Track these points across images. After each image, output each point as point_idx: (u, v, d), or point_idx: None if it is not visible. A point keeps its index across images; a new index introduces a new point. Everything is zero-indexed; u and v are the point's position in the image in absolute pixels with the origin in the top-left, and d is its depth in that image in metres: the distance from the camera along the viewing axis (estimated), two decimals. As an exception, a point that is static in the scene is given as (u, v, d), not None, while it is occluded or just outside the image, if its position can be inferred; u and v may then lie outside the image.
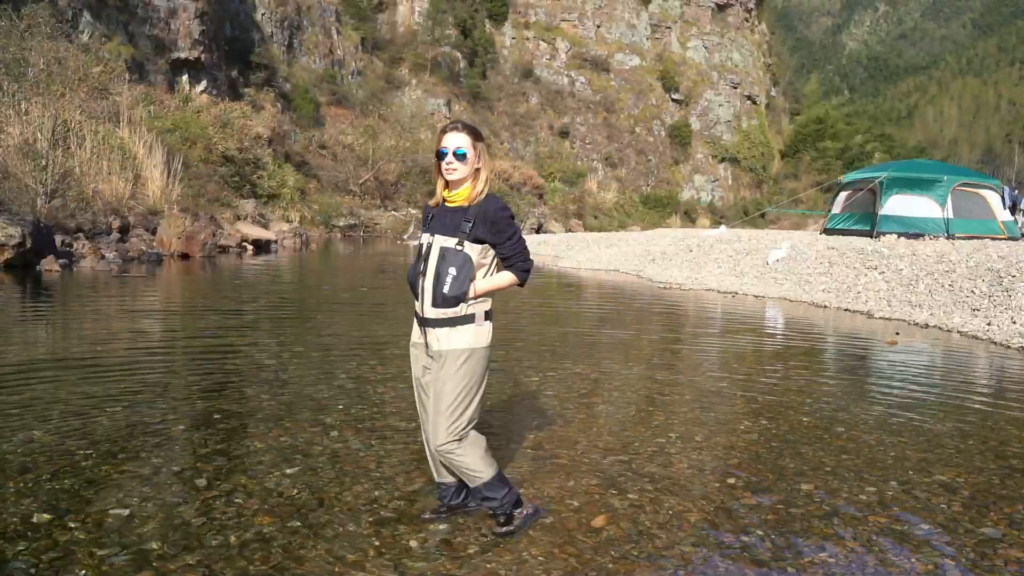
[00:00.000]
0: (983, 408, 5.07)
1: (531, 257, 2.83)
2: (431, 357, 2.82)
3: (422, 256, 2.80)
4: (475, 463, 2.79)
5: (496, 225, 2.73)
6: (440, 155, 2.75)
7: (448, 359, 2.75)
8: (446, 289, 2.72)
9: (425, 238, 2.82)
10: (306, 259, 19.39)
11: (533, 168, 50.08)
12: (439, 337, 2.77)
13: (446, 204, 2.82)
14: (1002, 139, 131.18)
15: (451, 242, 2.74)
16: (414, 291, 2.85)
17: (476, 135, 2.79)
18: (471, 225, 2.73)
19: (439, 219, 2.80)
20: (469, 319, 2.76)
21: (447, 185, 2.81)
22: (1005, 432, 4.48)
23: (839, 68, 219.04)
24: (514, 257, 2.78)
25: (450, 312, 2.74)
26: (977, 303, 9.47)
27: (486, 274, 2.79)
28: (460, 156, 2.73)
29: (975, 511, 3.24)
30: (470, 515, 3.00)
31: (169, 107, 26.71)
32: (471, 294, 2.74)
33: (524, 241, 2.81)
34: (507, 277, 2.81)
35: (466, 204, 2.77)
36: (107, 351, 6.10)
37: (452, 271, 2.72)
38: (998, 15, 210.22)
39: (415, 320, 2.89)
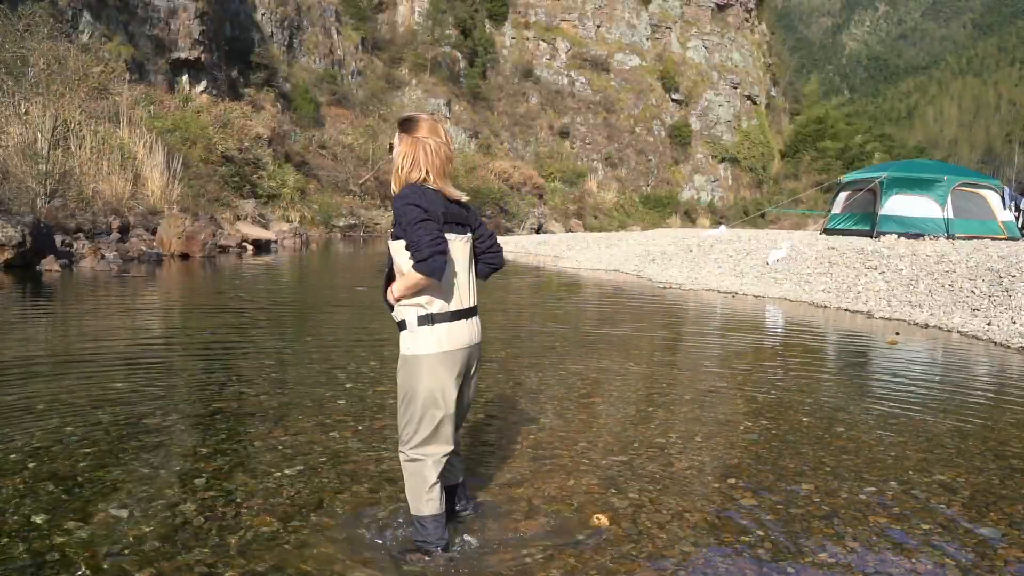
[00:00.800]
0: (983, 408, 5.06)
1: (429, 248, 2.42)
2: None
3: None
4: (414, 494, 2.65)
5: (395, 216, 2.52)
6: None
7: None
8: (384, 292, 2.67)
9: None
10: (306, 259, 19.40)
11: (533, 168, 50.10)
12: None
13: None
14: (1002, 139, 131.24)
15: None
16: None
17: (405, 126, 2.65)
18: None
19: None
20: (403, 324, 2.61)
21: None
22: (1005, 432, 4.48)
23: (839, 68, 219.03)
24: (410, 247, 2.48)
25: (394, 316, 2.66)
26: (977, 303, 9.47)
27: None
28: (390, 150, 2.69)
29: (975, 511, 3.24)
30: (469, 516, 2.99)
31: (169, 107, 26.70)
32: (390, 297, 2.62)
33: (421, 229, 2.44)
34: (411, 273, 2.51)
35: None
36: (107, 351, 6.10)
37: (386, 271, 2.67)
38: (998, 15, 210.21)
39: None
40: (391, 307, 2.65)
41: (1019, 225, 17.13)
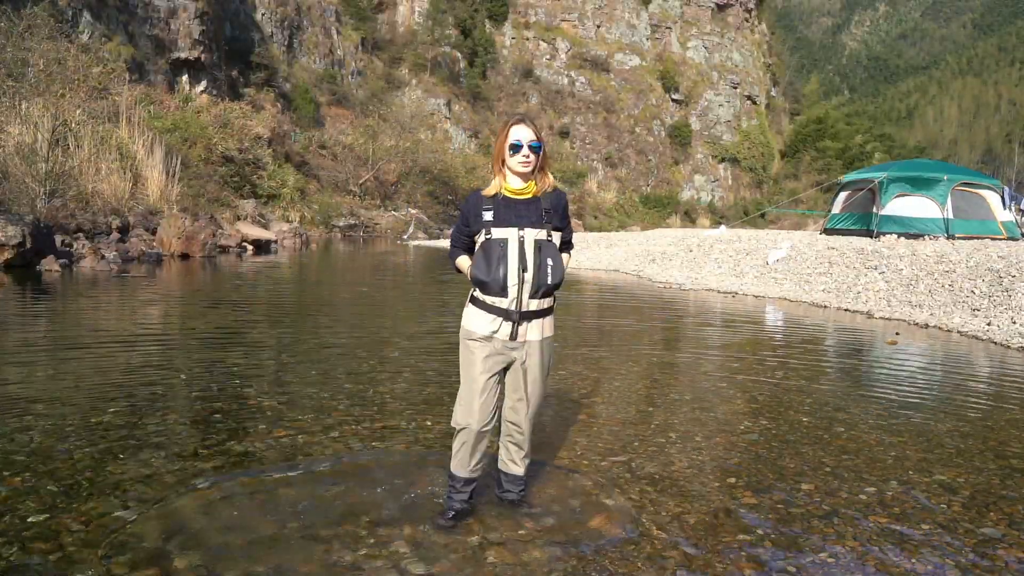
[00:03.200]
0: (983, 408, 5.07)
1: None
2: (513, 348, 2.88)
3: (510, 251, 2.78)
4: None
5: (564, 214, 2.97)
6: (515, 147, 2.80)
7: (544, 347, 2.94)
8: (551, 279, 2.84)
9: (511, 232, 2.80)
10: (306, 259, 19.39)
11: (533, 168, 49.95)
12: (541, 327, 2.91)
13: (511, 197, 2.85)
14: (1002, 139, 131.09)
15: (542, 234, 2.84)
16: (498, 287, 2.80)
17: None
18: (550, 215, 2.87)
19: (515, 212, 2.83)
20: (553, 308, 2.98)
21: (517, 177, 2.86)
22: (1005, 432, 4.48)
23: (839, 68, 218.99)
24: (571, 240, 3.08)
25: (547, 303, 2.91)
26: (977, 303, 9.47)
27: None
28: (535, 149, 2.83)
29: (975, 511, 3.24)
30: (471, 516, 2.99)
31: (169, 107, 26.68)
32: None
33: None
34: (568, 259, 3.06)
35: (536, 195, 2.87)
36: (106, 351, 6.10)
37: (550, 261, 2.84)
38: (998, 15, 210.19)
39: (491, 314, 2.84)
40: (554, 292, 2.95)
41: (1018, 224, 17.12)
